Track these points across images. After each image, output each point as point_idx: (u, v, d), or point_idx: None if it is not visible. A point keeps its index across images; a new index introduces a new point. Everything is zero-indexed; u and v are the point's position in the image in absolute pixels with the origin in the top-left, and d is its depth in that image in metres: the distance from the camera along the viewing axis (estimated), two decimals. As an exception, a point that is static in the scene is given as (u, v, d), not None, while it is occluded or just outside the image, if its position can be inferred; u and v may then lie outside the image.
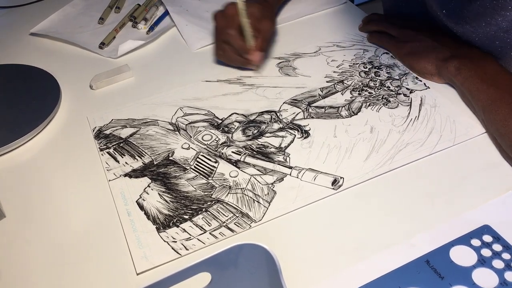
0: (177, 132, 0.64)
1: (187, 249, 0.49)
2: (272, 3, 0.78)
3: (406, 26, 0.71)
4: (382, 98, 0.65)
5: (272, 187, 0.55)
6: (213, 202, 0.54)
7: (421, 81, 0.67)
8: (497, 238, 0.46)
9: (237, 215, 0.52)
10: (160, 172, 0.58)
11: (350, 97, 0.66)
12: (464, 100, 0.62)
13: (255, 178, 0.56)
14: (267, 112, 0.65)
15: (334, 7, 0.85)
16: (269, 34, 0.72)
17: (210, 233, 0.50)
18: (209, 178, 0.57)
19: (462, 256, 0.45)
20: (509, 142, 0.52)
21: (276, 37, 0.80)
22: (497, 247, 0.45)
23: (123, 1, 0.94)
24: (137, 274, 0.48)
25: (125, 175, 0.58)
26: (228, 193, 0.55)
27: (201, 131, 0.63)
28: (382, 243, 0.48)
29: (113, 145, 0.63)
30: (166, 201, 0.54)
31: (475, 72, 0.59)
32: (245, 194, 0.54)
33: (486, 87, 0.57)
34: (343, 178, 0.54)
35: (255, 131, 0.62)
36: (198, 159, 0.59)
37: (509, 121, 0.52)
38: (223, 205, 0.53)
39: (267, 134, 0.62)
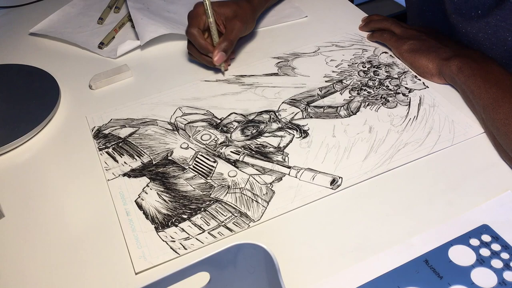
0: (176, 132, 0.64)
1: (185, 249, 0.49)
2: (255, 5, 0.77)
3: (411, 28, 0.72)
4: (381, 97, 0.65)
5: (270, 187, 0.55)
6: (212, 201, 0.54)
7: (420, 79, 0.67)
8: (496, 238, 0.46)
9: (236, 214, 0.52)
10: (159, 171, 0.58)
11: (349, 97, 0.66)
12: (465, 99, 0.62)
13: (254, 178, 0.56)
14: (266, 112, 0.65)
15: (293, 20, 0.83)
16: (234, 34, 0.70)
17: (208, 233, 0.50)
18: (208, 178, 0.57)
19: (461, 255, 0.45)
20: (509, 141, 0.52)
21: (275, 37, 0.80)
22: (496, 247, 0.45)
23: (122, 1, 0.94)
24: (136, 274, 0.48)
25: (124, 174, 0.58)
26: (227, 192, 0.55)
27: (200, 130, 0.63)
28: (380, 243, 0.48)
29: (112, 145, 0.63)
30: (164, 200, 0.54)
31: (478, 72, 0.59)
32: (243, 194, 0.54)
33: (488, 86, 0.57)
34: (342, 178, 0.54)
35: (254, 131, 0.62)
36: (197, 159, 0.59)
37: (510, 119, 0.52)
38: (222, 205, 0.53)
39: (266, 134, 0.62)
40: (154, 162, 0.59)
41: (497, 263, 0.44)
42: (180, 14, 0.88)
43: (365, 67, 0.71)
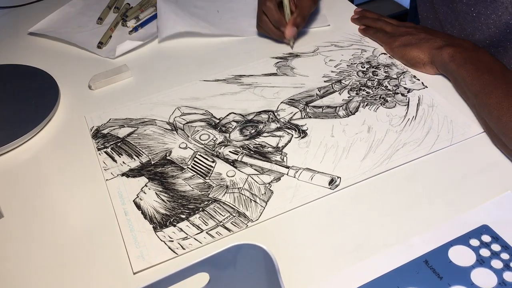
0: (174, 132, 0.63)
1: (184, 249, 0.49)
2: None
3: (401, 24, 0.73)
4: (380, 97, 0.65)
5: (269, 187, 0.54)
6: (210, 201, 0.54)
7: (418, 79, 0.67)
8: (496, 238, 0.46)
9: (234, 214, 0.52)
10: (157, 171, 0.58)
11: (348, 97, 0.66)
12: (456, 88, 0.63)
13: (252, 178, 0.56)
14: (265, 111, 0.65)
15: (316, 27, 0.81)
16: (306, 11, 0.75)
17: (207, 233, 0.50)
18: (206, 178, 0.56)
19: (461, 256, 0.45)
20: (503, 124, 0.52)
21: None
22: (496, 247, 0.45)
23: (121, 1, 0.94)
24: (134, 274, 0.47)
25: (123, 174, 0.58)
26: (225, 192, 0.54)
27: (198, 130, 0.63)
28: (380, 243, 0.47)
29: (110, 145, 0.62)
30: (163, 200, 0.54)
31: (470, 59, 0.60)
32: (242, 194, 0.54)
33: (480, 73, 0.58)
34: (340, 177, 0.54)
35: (253, 131, 0.62)
36: (195, 159, 0.59)
37: (503, 103, 0.53)
38: (220, 205, 0.53)
39: (265, 134, 0.62)
40: (152, 162, 0.59)
41: (497, 264, 0.44)
42: (206, 10, 0.88)
43: (364, 67, 0.70)
